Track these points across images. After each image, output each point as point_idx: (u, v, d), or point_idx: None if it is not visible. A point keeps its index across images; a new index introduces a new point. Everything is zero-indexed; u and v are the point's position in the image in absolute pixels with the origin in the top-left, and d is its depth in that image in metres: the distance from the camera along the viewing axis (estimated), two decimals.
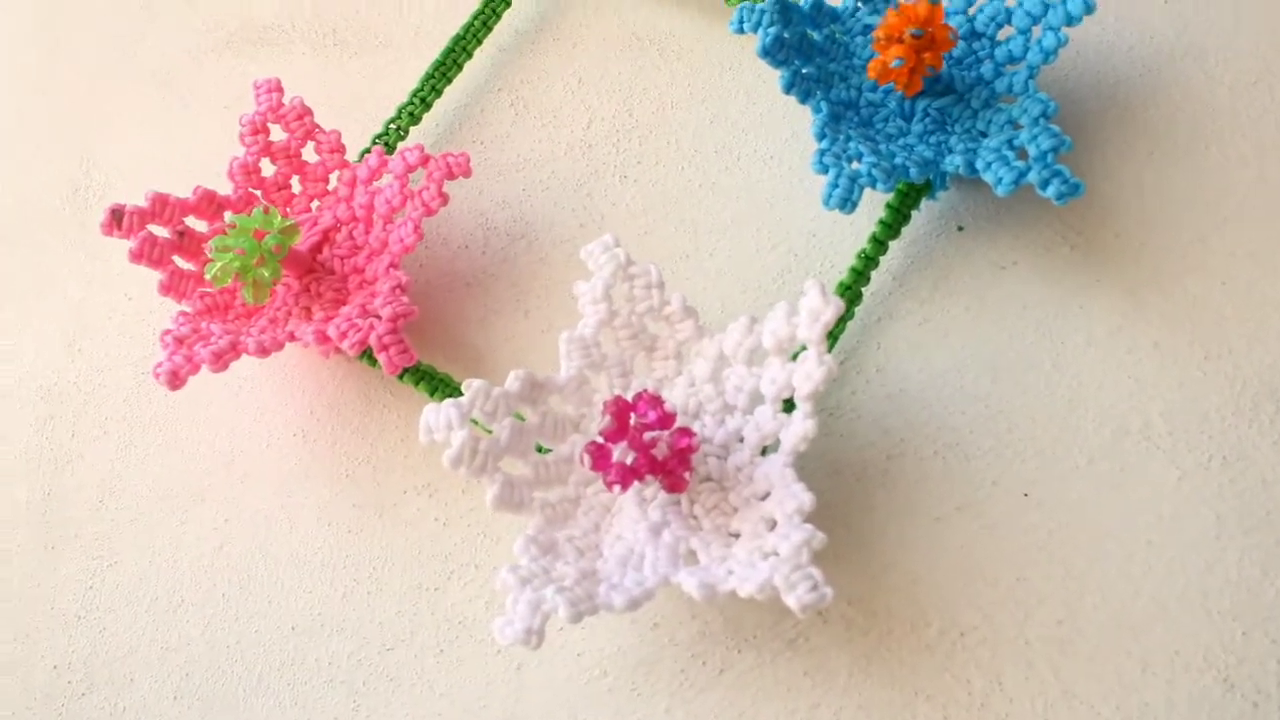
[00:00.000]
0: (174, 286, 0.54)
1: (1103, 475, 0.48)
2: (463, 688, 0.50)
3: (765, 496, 0.46)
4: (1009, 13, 0.52)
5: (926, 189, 0.52)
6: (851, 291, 0.51)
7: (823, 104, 0.51)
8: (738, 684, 0.47)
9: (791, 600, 0.41)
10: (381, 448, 0.55)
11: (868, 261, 0.51)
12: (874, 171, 0.49)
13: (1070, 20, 0.50)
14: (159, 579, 0.54)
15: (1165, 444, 0.48)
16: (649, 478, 0.46)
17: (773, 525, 0.44)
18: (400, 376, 0.53)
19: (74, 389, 0.60)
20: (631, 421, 0.45)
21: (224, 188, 0.58)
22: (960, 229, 0.54)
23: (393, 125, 0.60)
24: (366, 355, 0.53)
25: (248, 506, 0.55)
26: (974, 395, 0.50)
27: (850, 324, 0.52)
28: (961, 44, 0.53)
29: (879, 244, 0.51)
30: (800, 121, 0.57)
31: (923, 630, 0.47)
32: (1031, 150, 0.48)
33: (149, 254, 0.54)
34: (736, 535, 0.45)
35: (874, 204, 0.53)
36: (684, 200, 0.58)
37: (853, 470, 0.50)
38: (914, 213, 0.52)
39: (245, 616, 0.53)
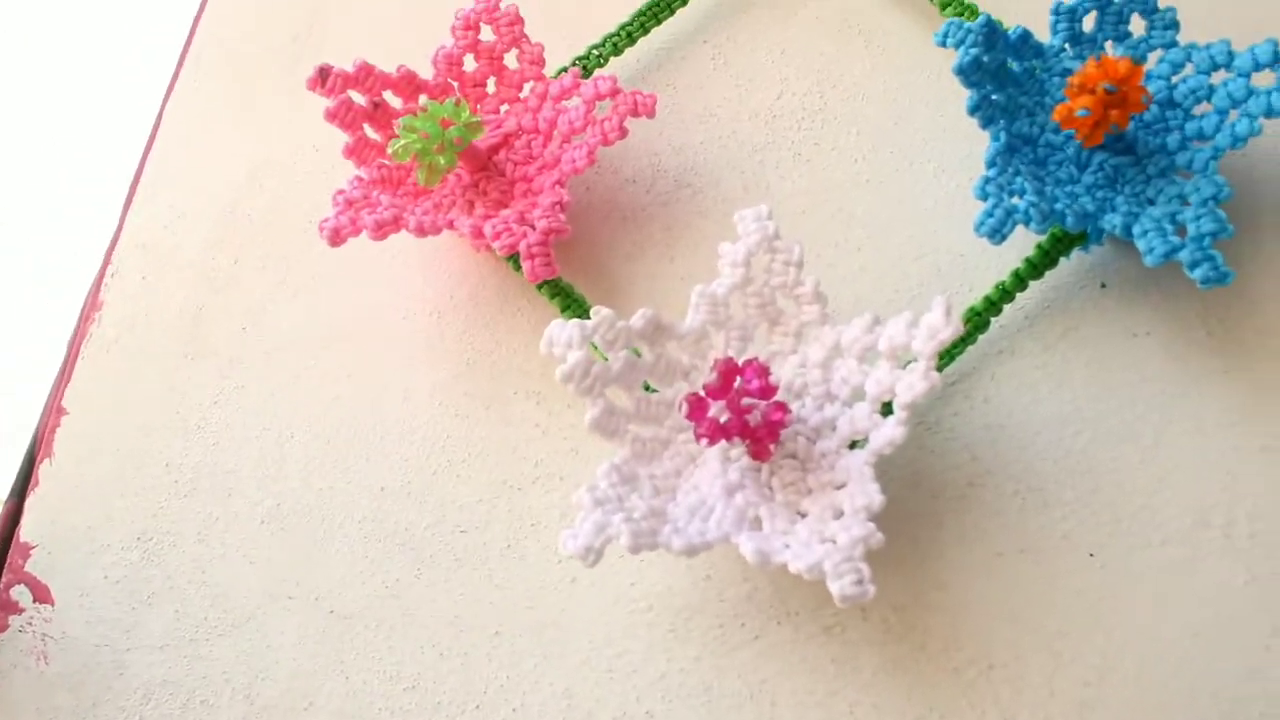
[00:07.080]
0: (357, 152, 0.56)
1: (1172, 559, 0.48)
2: (518, 584, 0.51)
3: (840, 487, 0.47)
4: (1211, 90, 0.51)
5: (1081, 239, 0.51)
6: (981, 319, 0.51)
7: (1002, 133, 0.51)
8: (768, 652, 0.49)
9: (835, 588, 0.42)
10: (505, 347, 0.56)
11: (1004, 294, 0.51)
12: (1031, 210, 0.48)
13: (1271, 112, 0.49)
14: (276, 412, 0.57)
15: (1243, 545, 0.48)
16: (737, 440, 0.47)
17: (839, 515, 0.45)
18: (539, 287, 0.55)
19: (247, 220, 0.62)
20: (735, 384, 0.46)
21: (426, 71, 0.59)
22: (1104, 286, 0.53)
23: (595, 51, 0.60)
24: (514, 260, 0.55)
25: (371, 367, 0.57)
26: (1069, 449, 0.50)
27: (970, 349, 0.52)
28: (1154, 109, 0.52)
29: (1019, 280, 0.51)
30: (978, 143, 0.56)
31: (954, 653, 0.47)
32: (1191, 229, 0.48)
33: (343, 117, 0.55)
34: (804, 515, 0.46)
35: (1027, 240, 0.53)
36: (848, 191, 0.58)
37: (931, 486, 0.50)
38: (1063, 259, 0.52)
39: (342, 466, 0.55)
